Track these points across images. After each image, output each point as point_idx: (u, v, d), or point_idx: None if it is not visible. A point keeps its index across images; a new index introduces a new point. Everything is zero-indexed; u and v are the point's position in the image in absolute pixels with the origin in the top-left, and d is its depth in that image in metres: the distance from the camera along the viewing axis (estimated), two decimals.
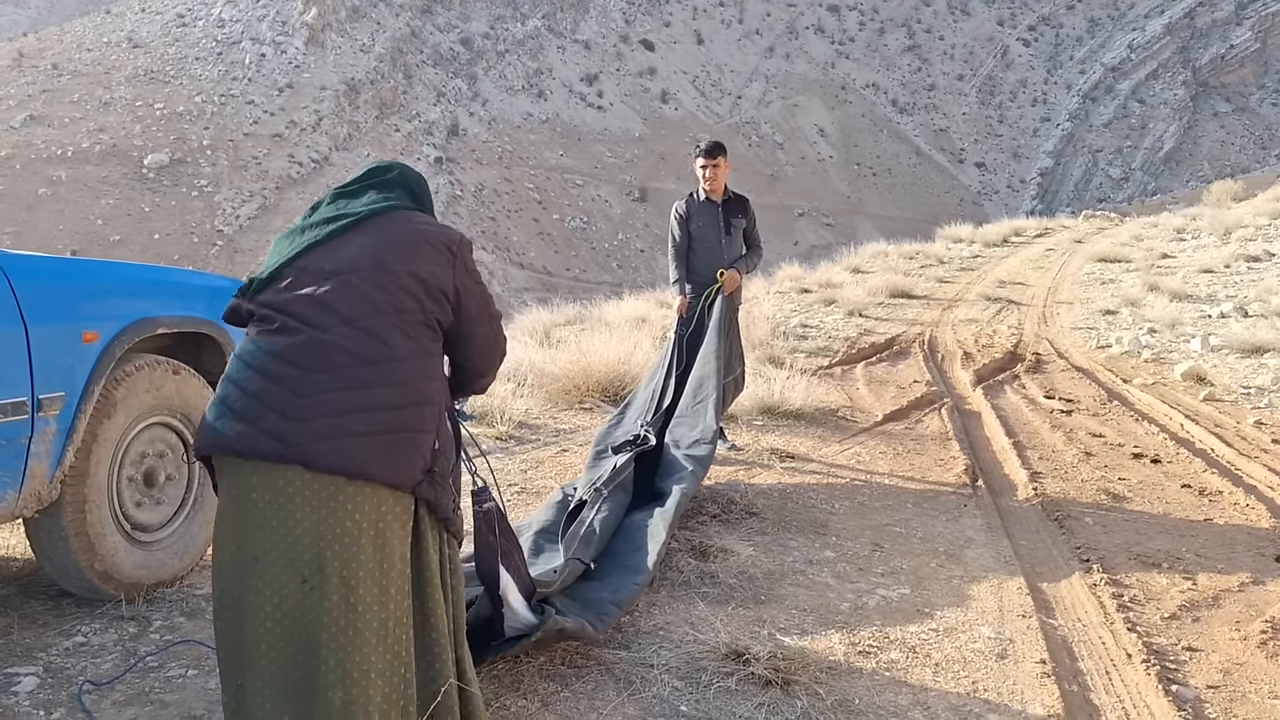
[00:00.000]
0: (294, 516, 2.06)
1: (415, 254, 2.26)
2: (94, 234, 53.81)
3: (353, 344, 2.14)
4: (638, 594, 3.64)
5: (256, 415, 2.08)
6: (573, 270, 70.14)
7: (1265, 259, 17.15)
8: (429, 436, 2.20)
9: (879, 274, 17.52)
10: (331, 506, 2.07)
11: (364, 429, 2.09)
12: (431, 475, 2.20)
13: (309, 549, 2.05)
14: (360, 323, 2.16)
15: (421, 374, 2.21)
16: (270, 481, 2.07)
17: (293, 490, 2.06)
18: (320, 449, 2.05)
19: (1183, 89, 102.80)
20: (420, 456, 2.17)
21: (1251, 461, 6.12)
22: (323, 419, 2.07)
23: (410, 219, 2.35)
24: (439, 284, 2.27)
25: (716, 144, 6.02)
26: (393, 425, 2.12)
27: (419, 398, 2.19)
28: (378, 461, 2.09)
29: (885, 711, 2.93)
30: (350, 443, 2.07)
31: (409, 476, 2.14)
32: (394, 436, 2.12)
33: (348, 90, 72.13)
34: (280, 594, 2.05)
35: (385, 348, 2.16)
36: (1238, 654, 3.46)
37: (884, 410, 7.55)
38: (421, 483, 2.17)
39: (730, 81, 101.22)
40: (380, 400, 2.12)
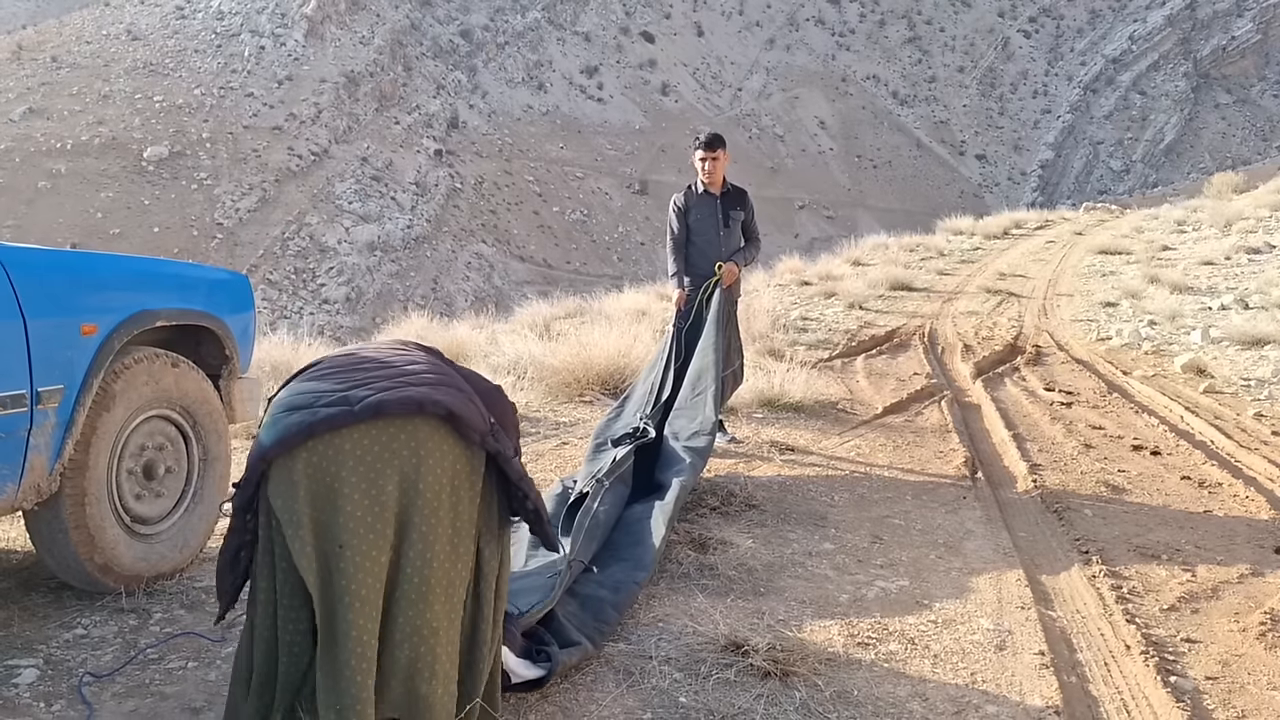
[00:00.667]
0: (377, 477, 2.17)
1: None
2: (94, 227, 53.75)
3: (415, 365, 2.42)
4: (638, 592, 3.65)
5: (312, 403, 2.22)
6: (573, 263, 70.07)
7: (1266, 251, 17.13)
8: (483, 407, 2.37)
9: (879, 266, 17.52)
10: (414, 463, 2.19)
11: (421, 382, 2.28)
12: (494, 428, 2.33)
13: (393, 507, 2.16)
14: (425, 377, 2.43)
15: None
16: (344, 449, 2.18)
17: (367, 447, 2.19)
18: (387, 397, 2.21)
19: (1184, 80, 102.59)
20: (480, 409, 2.32)
21: (1251, 453, 6.12)
22: (381, 383, 2.25)
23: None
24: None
25: (716, 136, 6.01)
26: (448, 383, 2.33)
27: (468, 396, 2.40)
28: (445, 396, 2.26)
29: (883, 703, 2.93)
30: (414, 389, 2.25)
31: (478, 420, 2.28)
32: (452, 389, 2.31)
33: (347, 83, 71.99)
34: (367, 563, 2.13)
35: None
36: (1236, 645, 3.46)
37: (884, 403, 7.55)
38: (489, 433, 2.30)
39: (730, 74, 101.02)
40: (427, 379, 2.34)
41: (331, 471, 2.18)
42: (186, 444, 3.65)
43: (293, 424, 2.18)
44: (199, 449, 3.68)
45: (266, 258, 56.84)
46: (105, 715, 2.69)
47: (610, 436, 5.41)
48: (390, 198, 65.60)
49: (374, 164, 67.72)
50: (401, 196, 66.22)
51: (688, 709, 2.83)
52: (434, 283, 60.98)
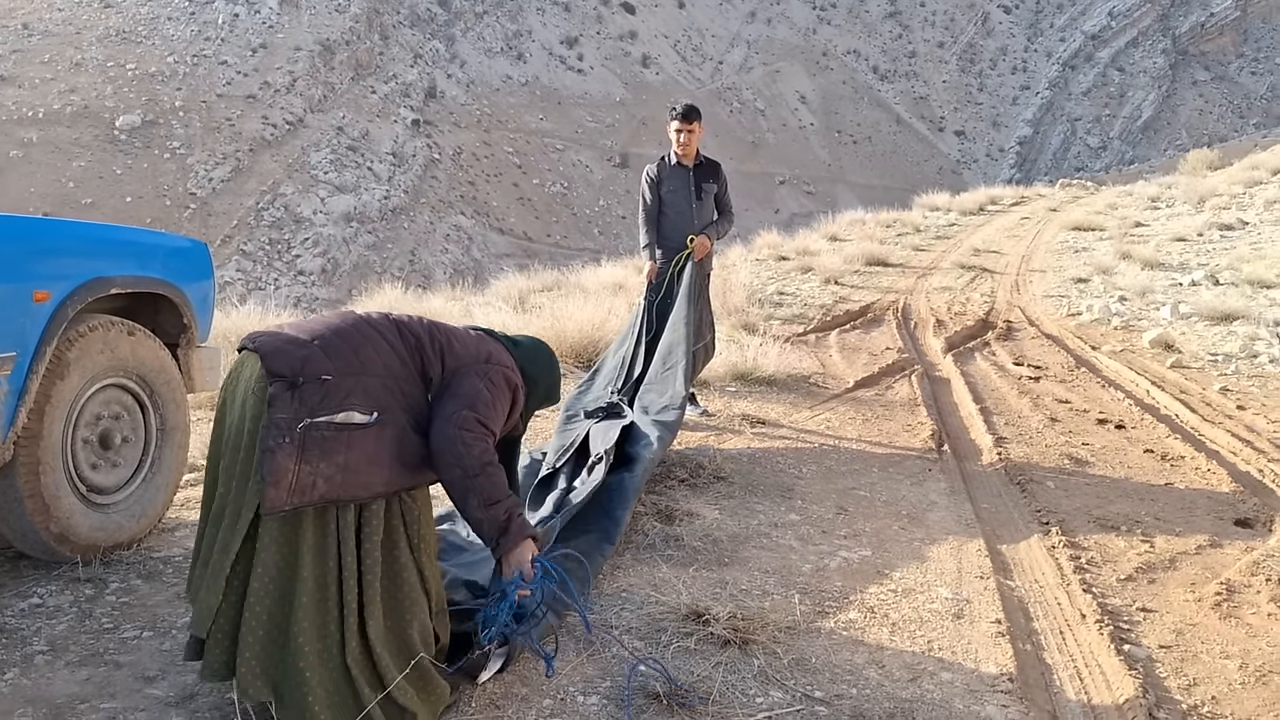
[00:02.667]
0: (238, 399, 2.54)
1: (456, 333, 2.80)
2: (66, 196, 52.96)
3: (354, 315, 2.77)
4: (603, 564, 3.65)
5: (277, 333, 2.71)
6: (553, 236, 69.75)
7: (1238, 227, 17.27)
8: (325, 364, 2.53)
9: (856, 242, 17.53)
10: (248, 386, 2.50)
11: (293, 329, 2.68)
12: (295, 387, 2.49)
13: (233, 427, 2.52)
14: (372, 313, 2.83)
15: (366, 335, 2.64)
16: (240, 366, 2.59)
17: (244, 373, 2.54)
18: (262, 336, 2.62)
19: (1162, 57, 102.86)
20: (300, 362, 2.51)
21: (1215, 427, 6.19)
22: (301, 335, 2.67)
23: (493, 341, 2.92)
24: (446, 355, 2.72)
25: (692, 108, 5.97)
26: (307, 330, 2.62)
27: (345, 337, 2.61)
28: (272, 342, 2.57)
29: (840, 670, 2.95)
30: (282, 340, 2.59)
31: (276, 362, 2.48)
32: (298, 337, 2.58)
33: (323, 51, 70.98)
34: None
35: (368, 321, 2.71)
36: (1191, 615, 3.51)
37: (855, 377, 7.58)
38: (281, 381, 2.48)
39: (712, 46, 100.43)
40: (317, 321, 2.70)
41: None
42: (144, 413, 3.61)
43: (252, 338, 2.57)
44: (156, 418, 3.64)
45: (240, 228, 56.23)
46: (58, 684, 2.67)
47: (583, 408, 5.40)
48: (367, 168, 64.94)
49: (350, 134, 66.95)
50: (378, 167, 65.57)
51: (647, 677, 2.84)
52: (411, 254, 60.57)
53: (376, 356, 2.53)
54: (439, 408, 2.61)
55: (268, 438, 2.33)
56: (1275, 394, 7.20)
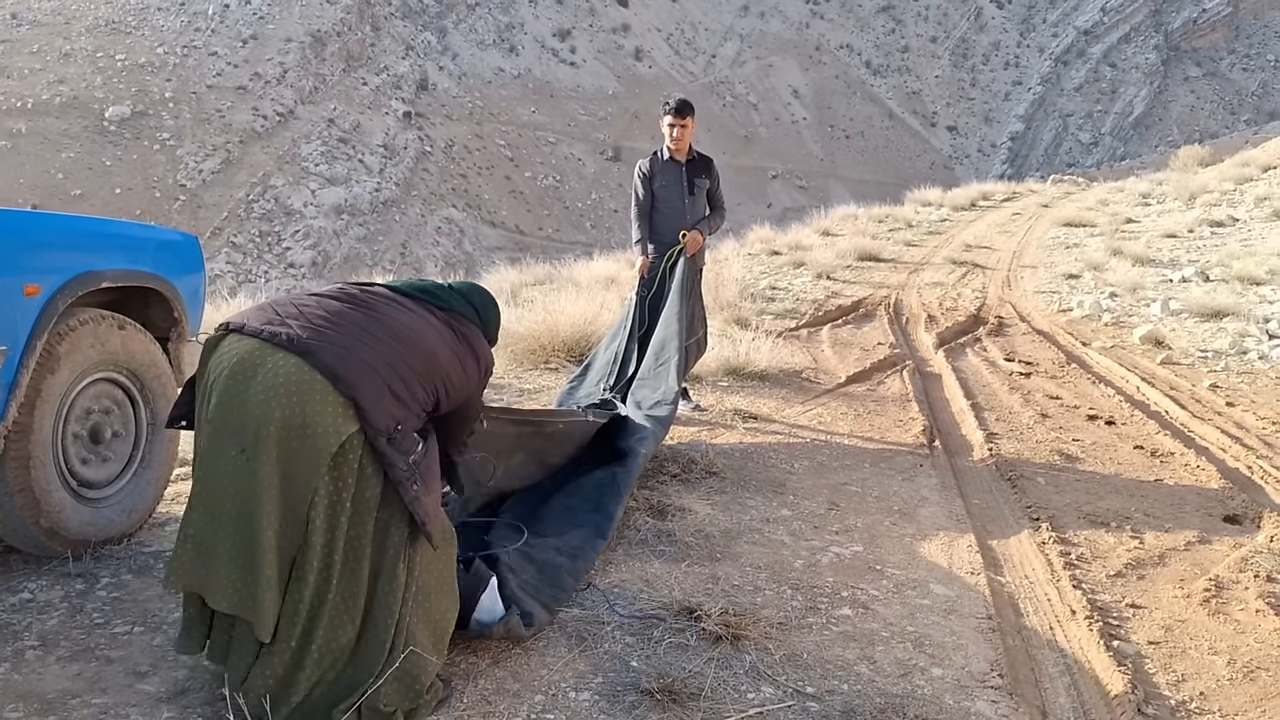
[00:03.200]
0: (254, 391, 2.45)
1: (456, 349, 2.76)
2: (55, 188, 52.69)
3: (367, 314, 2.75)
4: (595, 559, 3.66)
5: (268, 318, 2.61)
6: (545, 230, 69.66)
7: (1228, 224, 17.34)
8: (397, 407, 2.57)
9: (848, 237, 17.56)
10: (295, 398, 2.41)
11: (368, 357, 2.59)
12: (392, 440, 2.52)
13: (259, 428, 2.42)
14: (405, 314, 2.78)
15: (401, 375, 2.64)
16: (260, 358, 2.49)
17: (273, 371, 2.46)
18: (322, 348, 2.48)
19: (1154, 53, 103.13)
20: (388, 410, 2.53)
21: (1205, 424, 6.22)
22: (334, 333, 2.58)
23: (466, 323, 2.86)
24: (449, 383, 2.72)
25: (685, 102, 5.95)
26: (374, 360, 2.57)
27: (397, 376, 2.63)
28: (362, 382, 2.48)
29: (832, 665, 2.96)
30: (352, 359, 2.51)
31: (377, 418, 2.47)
32: (374, 370, 2.54)
33: (314, 42, 70.67)
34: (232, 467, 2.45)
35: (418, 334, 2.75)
36: (1180, 611, 3.53)
37: (847, 372, 7.59)
38: (381, 436, 2.50)
39: (705, 40, 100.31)
40: (364, 340, 2.63)
41: (228, 357, 2.48)
42: (134, 408, 3.60)
43: (253, 318, 2.55)
44: (147, 413, 3.63)
45: (230, 220, 56.03)
46: (49, 679, 2.67)
47: (576, 404, 5.40)
48: (358, 160, 64.74)
49: (341, 125, 66.72)
50: (369, 159, 65.37)
51: (639, 672, 2.85)
52: (403, 247, 60.43)
53: (422, 396, 2.62)
54: (450, 426, 2.89)
55: (407, 490, 2.47)
56: (1264, 391, 7.24)
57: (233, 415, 2.39)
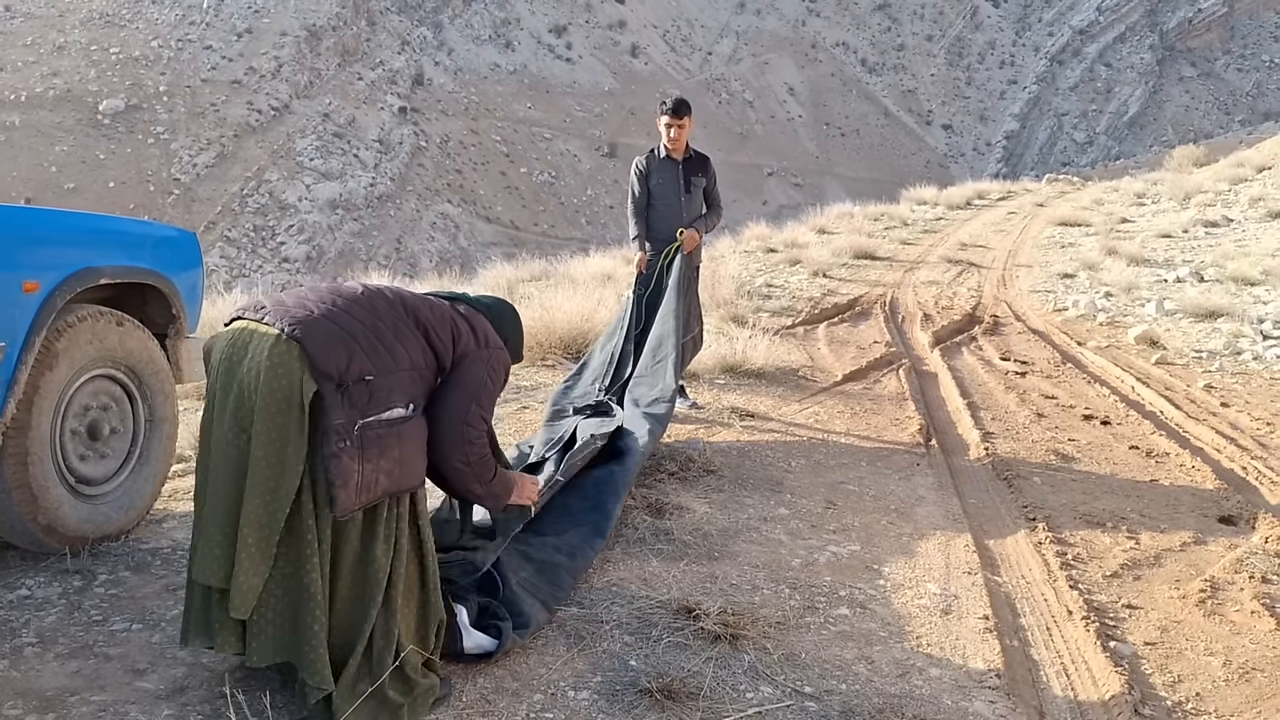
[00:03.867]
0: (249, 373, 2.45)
1: (460, 315, 2.82)
2: (48, 181, 52.51)
3: (360, 293, 2.71)
4: (593, 558, 3.66)
5: (261, 305, 2.61)
6: (540, 225, 69.61)
7: (1223, 224, 17.39)
8: (365, 363, 2.52)
9: (844, 235, 17.57)
10: (269, 365, 2.41)
11: (323, 315, 2.55)
12: (343, 388, 2.49)
13: (247, 403, 2.43)
14: (376, 290, 2.74)
15: (397, 332, 2.64)
16: (242, 337, 2.51)
17: (261, 349, 2.46)
18: (286, 318, 2.48)
19: (1149, 53, 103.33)
20: (345, 360, 2.48)
21: (1199, 424, 6.24)
22: (302, 310, 2.55)
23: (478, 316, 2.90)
24: (458, 338, 2.74)
25: (682, 102, 5.96)
26: (345, 326, 2.55)
27: (379, 335, 2.58)
28: (313, 333, 2.45)
29: (830, 665, 2.97)
30: (311, 321, 2.48)
31: (324, 362, 2.43)
32: (339, 330, 2.52)
33: (309, 36, 70.49)
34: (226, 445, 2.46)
35: (384, 301, 2.69)
36: (1176, 612, 3.54)
37: (843, 370, 7.60)
38: (329, 380, 2.43)
39: (701, 37, 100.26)
40: (348, 311, 2.59)
41: (219, 345, 2.51)
42: (132, 404, 3.59)
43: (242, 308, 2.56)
44: (145, 409, 3.62)
45: (225, 215, 55.90)
46: (48, 676, 2.66)
47: (572, 403, 5.40)
48: (353, 155, 64.62)
49: (336, 120, 66.58)
50: (364, 154, 65.24)
51: (638, 672, 2.85)
52: (398, 242, 60.33)
53: (406, 353, 2.57)
54: (446, 397, 2.70)
55: (328, 443, 2.38)
56: (1259, 391, 7.27)
57: (230, 399, 2.42)
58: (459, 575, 3.01)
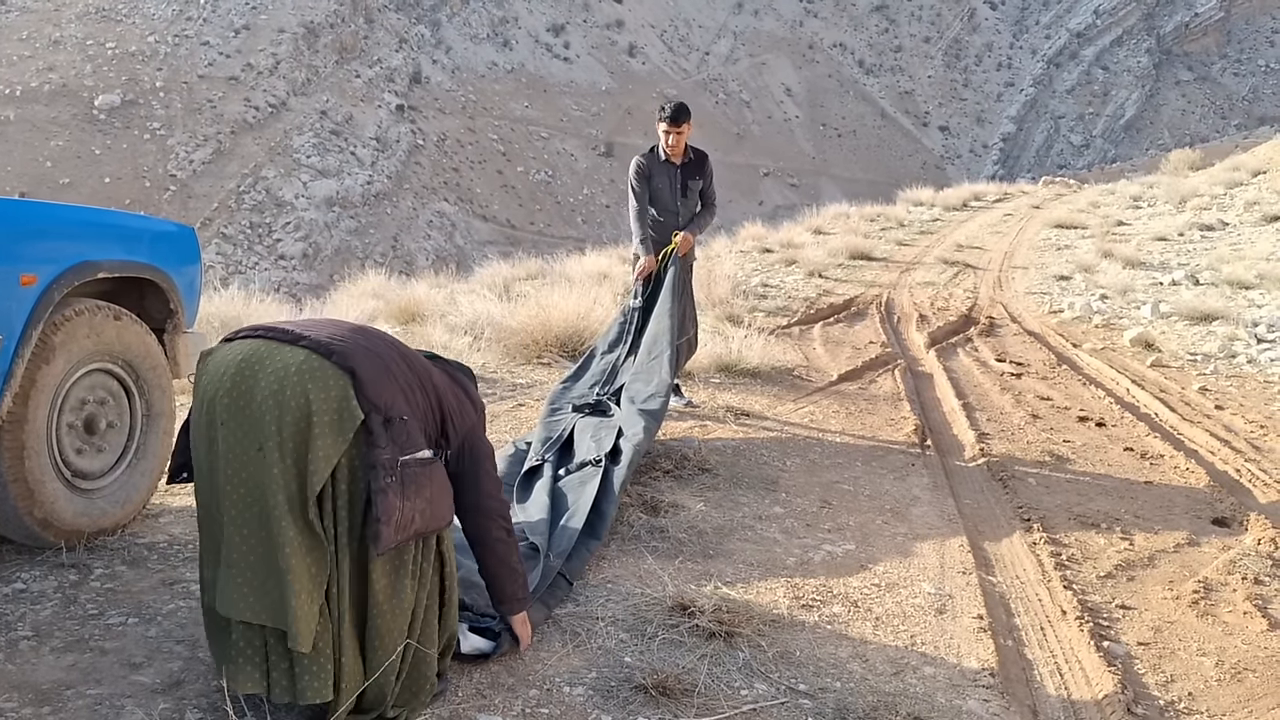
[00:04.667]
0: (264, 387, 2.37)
1: (451, 382, 2.79)
2: (43, 176, 52.36)
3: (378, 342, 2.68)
4: (589, 559, 3.66)
5: (279, 326, 2.58)
6: (537, 224, 69.58)
7: (1219, 228, 17.44)
8: (406, 406, 2.52)
9: (840, 235, 17.58)
10: (299, 382, 2.35)
11: (366, 344, 2.54)
12: (389, 423, 2.44)
13: (273, 421, 2.34)
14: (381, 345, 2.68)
15: (419, 385, 2.63)
16: (261, 354, 2.43)
17: (277, 361, 2.41)
18: (318, 339, 2.45)
19: (1146, 56, 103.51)
20: (392, 396, 2.47)
21: (1194, 426, 6.27)
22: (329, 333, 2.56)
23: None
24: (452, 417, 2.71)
25: (681, 109, 5.93)
26: (389, 360, 2.54)
27: (413, 385, 2.60)
28: (363, 360, 2.44)
29: (825, 663, 2.98)
30: (347, 344, 2.47)
31: (376, 392, 2.42)
32: (385, 364, 2.51)
33: (307, 33, 70.36)
34: (248, 470, 2.36)
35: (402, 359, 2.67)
36: (1169, 612, 3.56)
37: (839, 370, 7.61)
38: (377, 413, 2.41)
39: (698, 37, 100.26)
40: (384, 350, 2.59)
41: (224, 359, 2.42)
42: (129, 398, 3.59)
43: (249, 330, 2.52)
44: (142, 404, 3.62)
45: (221, 211, 55.78)
46: (44, 670, 2.66)
47: (570, 403, 5.40)
48: (350, 153, 64.52)
49: (333, 118, 66.47)
50: (362, 152, 65.14)
51: (633, 669, 2.86)
52: (394, 240, 60.26)
53: (422, 402, 2.57)
54: (477, 474, 2.78)
55: (376, 479, 2.33)
56: (1252, 394, 7.29)
57: (245, 413, 2.31)
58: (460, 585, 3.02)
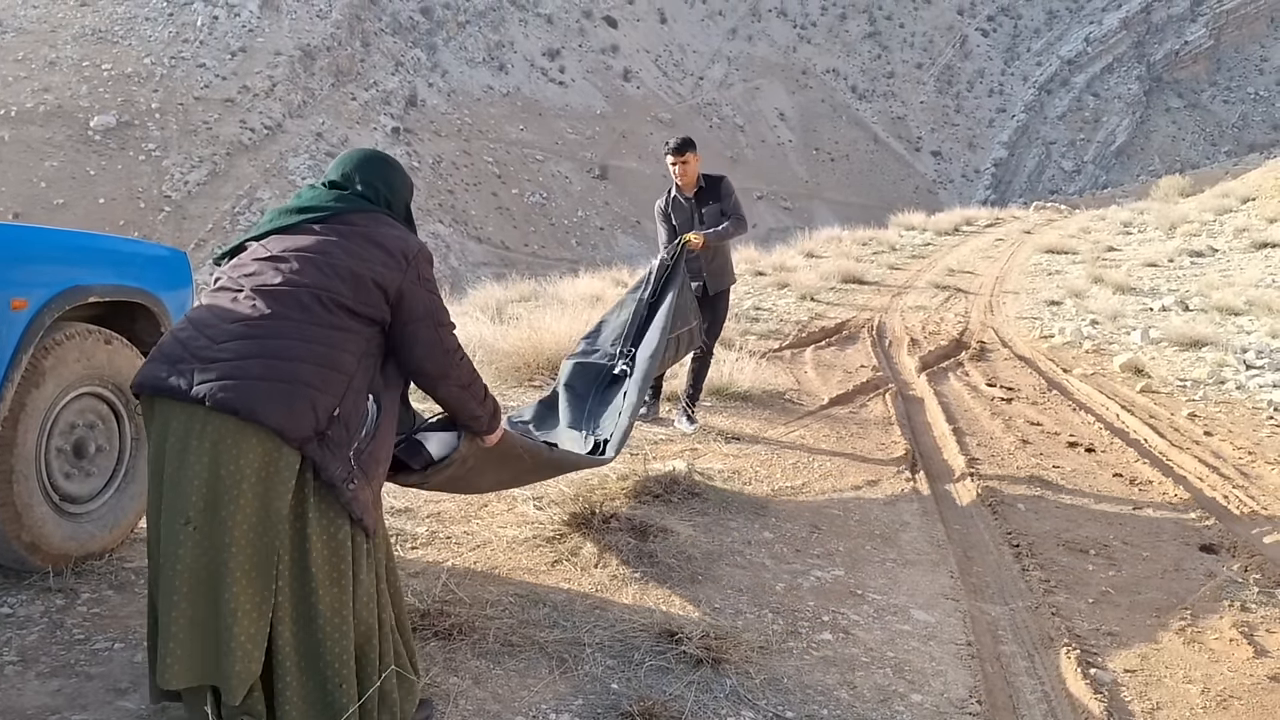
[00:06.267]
0: (190, 456, 2.18)
1: (365, 251, 2.43)
2: (37, 197, 52.36)
3: (271, 302, 2.32)
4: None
5: (177, 358, 2.25)
6: (531, 246, 69.71)
7: (1208, 254, 17.56)
8: (327, 399, 2.26)
9: (832, 259, 17.65)
10: (222, 448, 2.17)
11: (262, 374, 2.20)
12: (323, 438, 2.25)
13: (199, 489, 2.17)
14: (284, 287, 2.34)
15: (332, 342, 2.32)
16: (179, 421, 2.21)
17: (193, 429, 2.19)
18: (216, 388, 2.17)
19: (1136, 84, 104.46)
20: (313, 415, 2.23)
21: (1183, 453, 6.29)
22: (228, 362, 2.21)
23: (374, 220, 2.53)
24: (378, 280, 2.40)
25: (685, 141, 6.15)
26: (290, 375, 2.22)
27: (324, 359, 2.29)
28: (268, 406, 2.18)
29: (812, 690, 2.98)
30: (248, 385, 2.18)
31: (296, 430, 2.20)
32: (290, 386, 2.21)
33: (303, 56, 70.70)
34: (180, 534, 2.20)
35: (300, 309, 2.31)
36: (1156, 639, 3.57)
37: (830, 394, 7.63)
38: (310, 441, 2.22)
39: (693, 62, 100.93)
40: (283, 350, 2.25)
41: (161, 432, 2.26)
42: (118, 422, 3.59)
43: (154, 375, 2.27)
44: (131, 428, 3.62)
45: (215, 232, 55.80)
46: (29, 694, 2.65)
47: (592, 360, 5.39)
48: None
49: (329, 140, 66.67)
50: None
51: (619, 695, 2.86)
52: None
53: (349, 355, 2.35)
54: (413, 339, 2.49)
55: (342, 493, 2.27)
56: (1241, 421, 7.33)
57: (179, 492, 2.20)
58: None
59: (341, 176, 2.60)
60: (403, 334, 2.48)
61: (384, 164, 2.66)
